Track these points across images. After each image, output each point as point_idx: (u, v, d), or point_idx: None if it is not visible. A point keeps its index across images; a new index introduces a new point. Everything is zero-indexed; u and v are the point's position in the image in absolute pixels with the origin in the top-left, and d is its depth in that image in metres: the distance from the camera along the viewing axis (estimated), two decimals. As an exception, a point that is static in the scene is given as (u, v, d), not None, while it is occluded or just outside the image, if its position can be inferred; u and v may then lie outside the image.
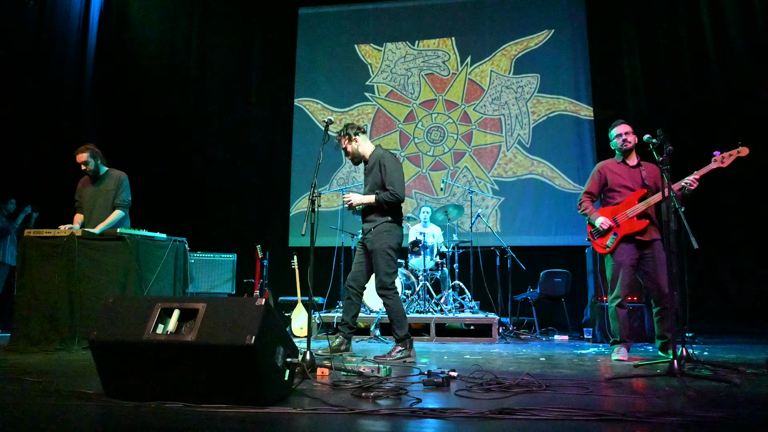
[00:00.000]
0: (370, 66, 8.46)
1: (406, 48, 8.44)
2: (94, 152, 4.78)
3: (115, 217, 4.66)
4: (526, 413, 2.08)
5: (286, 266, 6.40)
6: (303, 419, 2.08)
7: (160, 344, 2.25)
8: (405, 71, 8.37)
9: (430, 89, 8.28)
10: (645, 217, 3.99)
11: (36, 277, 4.39)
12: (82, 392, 2.44)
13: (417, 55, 8.40)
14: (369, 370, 2.99)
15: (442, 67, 8.30)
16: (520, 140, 7.89)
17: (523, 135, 7.91)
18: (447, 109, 8.19)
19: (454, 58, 8.29)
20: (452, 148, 8.07)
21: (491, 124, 8.04)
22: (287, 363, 2.44)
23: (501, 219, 7.74)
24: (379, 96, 8.38)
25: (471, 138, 8.05)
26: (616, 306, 4.06)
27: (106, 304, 2.47)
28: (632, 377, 3.12)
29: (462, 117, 8.13)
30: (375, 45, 8.51)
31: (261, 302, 2.30)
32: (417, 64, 8.37)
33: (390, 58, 8.44)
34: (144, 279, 4.47)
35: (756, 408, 2.29)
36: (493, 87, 8.11)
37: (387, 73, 8.41)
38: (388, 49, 8.47)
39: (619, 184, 4.12)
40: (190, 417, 2.06)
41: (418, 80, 8.32)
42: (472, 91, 8.16)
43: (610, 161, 4.24)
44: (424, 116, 8.22)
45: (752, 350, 4.69)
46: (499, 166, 7.91)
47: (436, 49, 8.36)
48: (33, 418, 2.06)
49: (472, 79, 8.19)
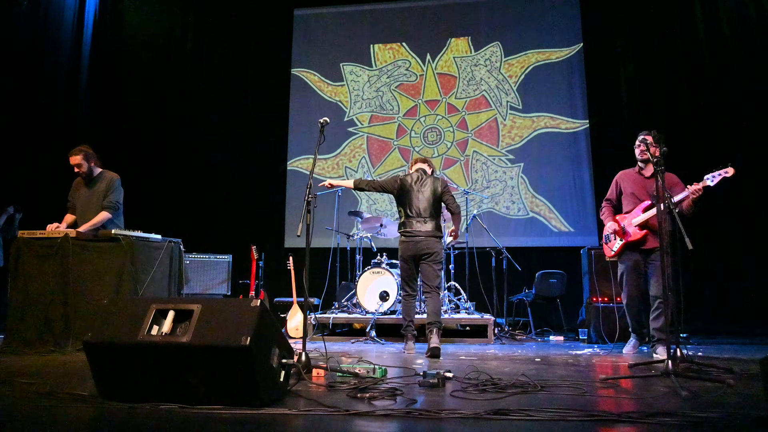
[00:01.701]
0: (340, 103, 8.49)
1: (365, 72, 8.49)
2: (87, 154, 4.74)
3: (101, 219, 4.59)
4: (522, 414, 2.08)
5: (281, 267, 6.39)
6: (298, 420, 2.08)
7: (154, 345, 2.25)
8: (375, 93, 8.41)
9: (407, 98, 8.32)
10: (645, 228, 4.18)
11: (30, 278, 4.37)
12: (76, 394, 2.43)
13: (379, 74, 8.44)
14: (364, 371, 2.99)
15: (407, 75, 8.37)
16: (511, 106, 7.99)
17: (511, 100, 8.01)
18: (431, 109, 8.22)
19: (414, 63, 8.36)
20: (453, 141, 8.09)
21: (478, 104, 8.10)
22: (282, 364, 2.44)
23: (530, 183, 7.78)
24: (362, 126, 8.41)
25: (466, 124, 8.08)
26: (624, 306, 4.48)
27: (101, 305, 2.47)
28: (627, 378, 3.13)
29: (448, 109, 8.17)
30: (334, 82, 8.55)
31: (256, 303, 2.31)
32: (383, 81, 8.41)
33: (354, 87, 8.49)
34: (139, 280, 4.43)
35: (750, 408, 2.30)
36: (462, 71, 8.21)
37: (360, 103, 8.45)
38: (351, 73, 8.52)
39: (630, 193, 4.36)
40: (185, 418, 2.05)
41: (391, 96, 8.36)
42: (445, 83, 8.23)
43: (628, 170, 4.49)
44: (414, 124, 8.25)
45: (746, 350, 4.71)
46: (504, 136, 7.96)
47: (395, 60, 8.43)
48: (26, 421, 2.05)
49: (439, 72, 8.26)
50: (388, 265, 6.03)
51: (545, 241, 7.61)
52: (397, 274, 6.02)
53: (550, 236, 7.60)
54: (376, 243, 6.70)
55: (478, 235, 6.78)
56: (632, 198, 4.33)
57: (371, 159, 8.31)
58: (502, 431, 1.94)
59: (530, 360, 4.11)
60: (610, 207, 4.53)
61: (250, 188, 8.43)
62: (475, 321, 5.80)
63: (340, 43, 8.66)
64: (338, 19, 8.75)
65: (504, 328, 6.15)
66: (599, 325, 5.41)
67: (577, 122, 7.76)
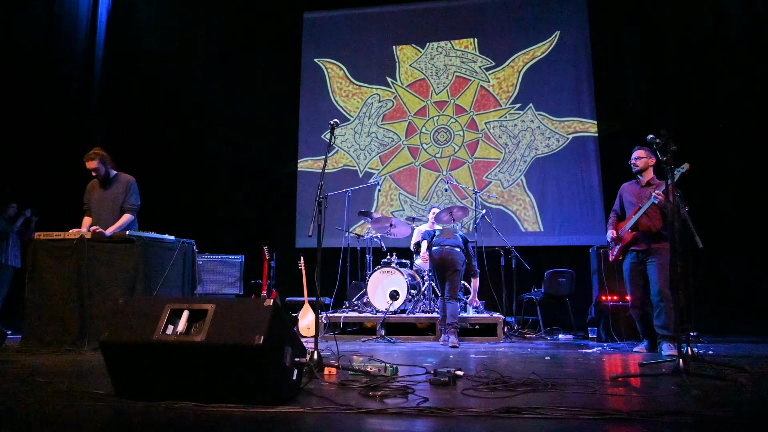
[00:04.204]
0: (398, 61, 8.47)
1: (447, 44, 8.44)
2: (103, 157, 4.78)
3: (125, 221, 4.66)
4: (533, 412, 2.07)
5: (292, 267, 6.41)
6: (311, 418, 2.08)
7: (169, 345, 2.26)
8: (443, 66, 8.36)
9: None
10: (635, 230, 4.48)
11: (46, 279, 4.42)
12: (93, 392, 2.45)
13: (456, 55, 8.38)
14: (376, 370, 2.99)
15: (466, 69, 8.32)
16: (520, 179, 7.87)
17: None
18: (440, 109, 8.20)
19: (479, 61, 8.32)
20: (462, 143, 8.05)
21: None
22: (295, 363, 2.44)
23: (535, 187, 7.75)
24: (399, 84, 8.37)
25: (476, 147, 8.02)
26: (630, 308, 4.66)
27: (117, 305, 2.48)
28: (637, 376, 3.11)
29: (469, 123, 8.12)
30: (416, 45, 8.51)
31: (269, 303, 2.31)
32: (453, 62, 8.34)
33: (429, 53, 8.45)
34: (153, 280, 4.46)
35: (762, 408, 2.27)
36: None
37: (425, 62, 8.41)
38: (429, 47, 8.49)
39: (628, 201, 4.66)
40: (199, 416, 2.06)
41: (448, 80, 8.30)
42: (480, 100, 8.16)
43: (628, 182, 4.76)
44: (425, 123, 8.22)
45: (757, 349, 4.67)
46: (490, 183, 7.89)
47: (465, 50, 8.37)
48: (45, 419, 2.07)
49: (484, 87, 8.18)
50: (398, 265, 6.03)
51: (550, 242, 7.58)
52: (406, 273, 6.03)
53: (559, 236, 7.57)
54: (386, 243, 6.70)
55: (487, 234, 6.77)
56: (630, 206, 4.64)
57: (387, 114, 8.32)
58: (514, 429, 1.94)
59: (540, 358, 4.09)
60: (615, 216, 4.80)
61: (262, 190, 8.46)
62: (484, 320, 5.79)
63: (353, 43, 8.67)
64: (349, 21, 8.76)
65: (513, 327, 6.13)
66: (608, 323, 5.38)
67: (586, 122, 7.70)
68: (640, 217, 4.43)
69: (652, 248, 4.40)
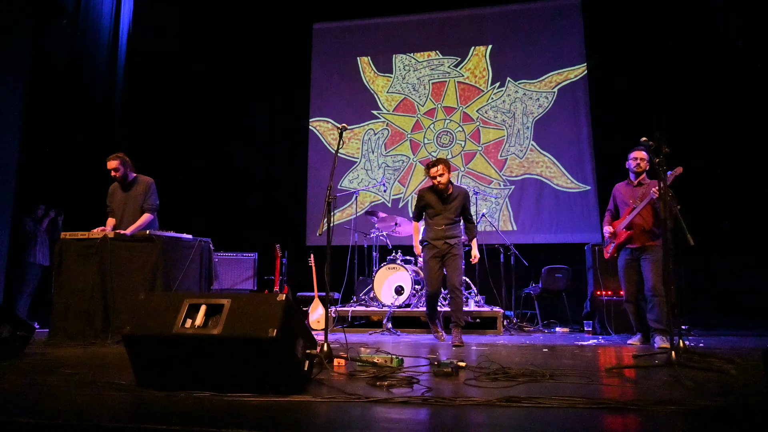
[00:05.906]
0: (375, 94, 8.43)
1: (410, 59, 8.41)
2: (123, 160, 4.81)
3: (145, 221, 4.68)
4: (532, 401, 2.07)
5: (303, 264, 6.42)
6: (322, 407, 2.08)
7: (188, 337, 2.27)
8: (416, 80, 8.32)
9: (430, 100, 8.24)
10: (630, 228, 4.47)
11: (72, 276, 4.45)
12: (116, 383, 2.46)
13: (422, 66, 8.34)
14: (383, 361, 2.99)
15: (440, 74, 8.25)
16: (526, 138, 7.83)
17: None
18: (447, 114, 8.16)
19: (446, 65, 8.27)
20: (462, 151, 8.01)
21: (493, 123, 8.01)
22: (307, 354, 2.44)
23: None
24: (386, 111, 8.34)
25: (479, 135, 7.98)
26: (624, 303, 4.64)
27: (138, 300, 2.49)
28: (631, 368, 3.09)
29: (464, 117, 8.08)
30: (380, 72, 8.46)
31: (282, 298, 2.31)
32: (425, 73, 8.30)
33: (399, 71, 8.40)
34: (172, 277, 4.48)
35: (751, 397, 2.26)
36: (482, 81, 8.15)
37: (399, 83, 8.37)
38: (398, 60, 8.45)
39: (622, 201, 4.63)
40: (217, 405, 2.07)
41: (426, 90, 8.27)
42: (463, 93, 8.12)
43: (621, 183, 4.71)
44: (430, 124, 8.19)
45: (746, 342, 4.63)
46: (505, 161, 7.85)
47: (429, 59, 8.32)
48: (71, 408, 2.08)
49: (461, 81, 8.15)
50: (402, 262, 6.02)
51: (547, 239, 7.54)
52: (410, 269, 6.02)
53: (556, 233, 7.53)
54: (392, 240, 6.70)
55: (487, 232, 6.75)
56: (623, 205, 4.61)
57: (388, 141, 8.29)
58: (514, 418, 1.93)
59: (538, 350, 4.08)
60: (609, 215, 4.77)
61: (275, 192, 8.46)
62: (485, 313, 5.78)
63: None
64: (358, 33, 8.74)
65: (513, 320, 6.12)
66: (603, 317, 5.36)
67: (563, 72, 7.66)
68: (634, 217, 4.42)
69: (645, 246, 4.40)
